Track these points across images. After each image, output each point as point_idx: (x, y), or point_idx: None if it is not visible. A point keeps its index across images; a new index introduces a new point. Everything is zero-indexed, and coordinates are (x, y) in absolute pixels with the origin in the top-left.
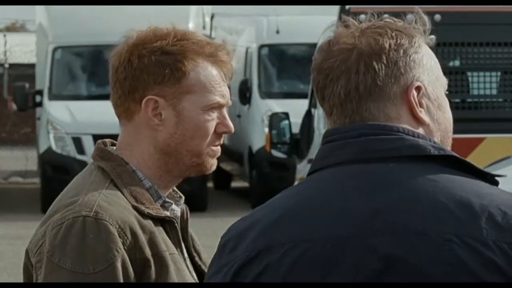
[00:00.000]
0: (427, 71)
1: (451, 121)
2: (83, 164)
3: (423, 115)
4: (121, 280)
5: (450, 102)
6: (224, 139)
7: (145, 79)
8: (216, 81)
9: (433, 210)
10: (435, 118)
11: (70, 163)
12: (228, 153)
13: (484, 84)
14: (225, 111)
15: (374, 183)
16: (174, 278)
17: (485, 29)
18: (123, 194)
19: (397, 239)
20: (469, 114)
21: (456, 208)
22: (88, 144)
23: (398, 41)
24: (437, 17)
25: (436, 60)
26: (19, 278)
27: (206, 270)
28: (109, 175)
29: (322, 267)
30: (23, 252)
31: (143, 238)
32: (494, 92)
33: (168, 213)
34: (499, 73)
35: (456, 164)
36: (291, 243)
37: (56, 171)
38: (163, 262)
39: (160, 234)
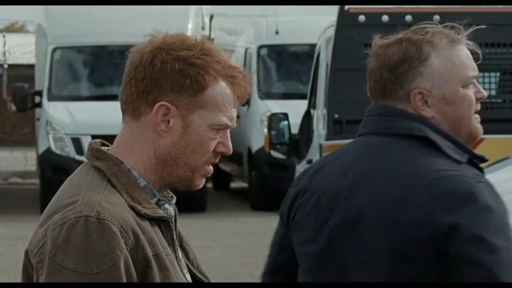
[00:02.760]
0: (434, 76)
1: (467, 110)
2: None
3: (425, 112)
4: (124, 280)
5: None
6: None
7: (163, 84)
8: (229, 103)
9: (394, 178)
10: (441, 112)
11: (69, 164)
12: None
13: (483, 84)
14: (228, 132)
15: (374, 152)
16: (175, 279)
17: (484, 29)
18: (120, 194)
19: (368, 196)
20: None
21: (409, 179)
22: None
23: (406, 56)
24: (436, 17)
25: (457, 61)
26: (19, 279)
27: (193, 270)
28: (106, 175)
29: (328, 210)
30: (23, 253)
31: (143, 238)
32: (493, 92)
33: (162, 212)
34: (498, 74)
35: (430, 143)
36: (315, 189)
37: (55, 172)
38: (163, 263)
39: (156, 234)
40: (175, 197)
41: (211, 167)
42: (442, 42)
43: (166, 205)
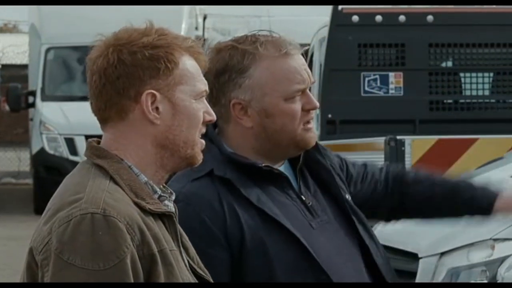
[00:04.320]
0: (251, 90)
1: (289, 123)
2: (76, 165)
3: (244, 122)
4: (131, 277)
5: (443, 103)
6: None
7: (140, 74)
8: (199, 71)
9: None
10: (260, 124)
11: (63, 164)
12: None
13: (476, 85)
14: (205, 100)
15: None
16: (178, 274)
17: (478, 30)
18: (124, 190)
19: None
20: (462, 115)
21: None
22: (81, 145)
23: (228, 65)
24: (430, 18)
25: (280, 75)
26: (14, 279)
27: (194, 266)
28: (108, 172)
29: None
30: (17, 253)
31: (149, 235)
32: (487, 93)
33: (166, 208)
34: (491, 74)
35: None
36: None
37: (49, 172)
38: (167, 258)
39: (160, 229)
40: (174, 194)
41: (203, 141)
42: (267, 54)
43: (166, 201)
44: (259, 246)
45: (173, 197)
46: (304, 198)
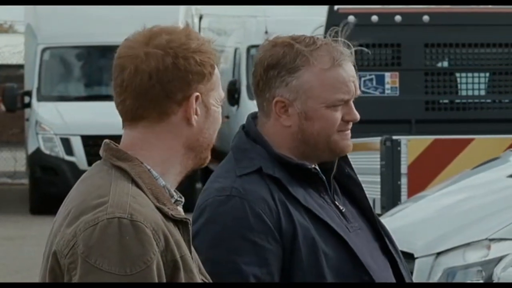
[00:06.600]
0: (297, 91)
1: (326, 129)
2: (72, 165)
3: (283, 120)
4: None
5: (439, 103)
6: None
7: (190, 79)
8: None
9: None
10: (298, 125)
11: (59, 164)
12: (216, 154)
13: (472, 85)
14: None
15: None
16: (198, 280)
17: (473, 30)
18: (146, 194)
19: None
20: (458, 115)
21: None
22: (77, 145)
23: (280, 62)
24: (426, 18)
25: (327, 83)
26: (9, 279)
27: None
28: (130, 175)
29: None
30: (12, 253)
31: (172, 241)
32: (483, 93)
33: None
34: (487, 74)
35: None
36: None
37: (45, 172)
38: (187, 265)
39: (178, 236)
40: (183, 199)
41: None
42: (320, 60)
43: (179, 207)
44: (310, 245)
45: (182, 202)
46: (337, 204)
